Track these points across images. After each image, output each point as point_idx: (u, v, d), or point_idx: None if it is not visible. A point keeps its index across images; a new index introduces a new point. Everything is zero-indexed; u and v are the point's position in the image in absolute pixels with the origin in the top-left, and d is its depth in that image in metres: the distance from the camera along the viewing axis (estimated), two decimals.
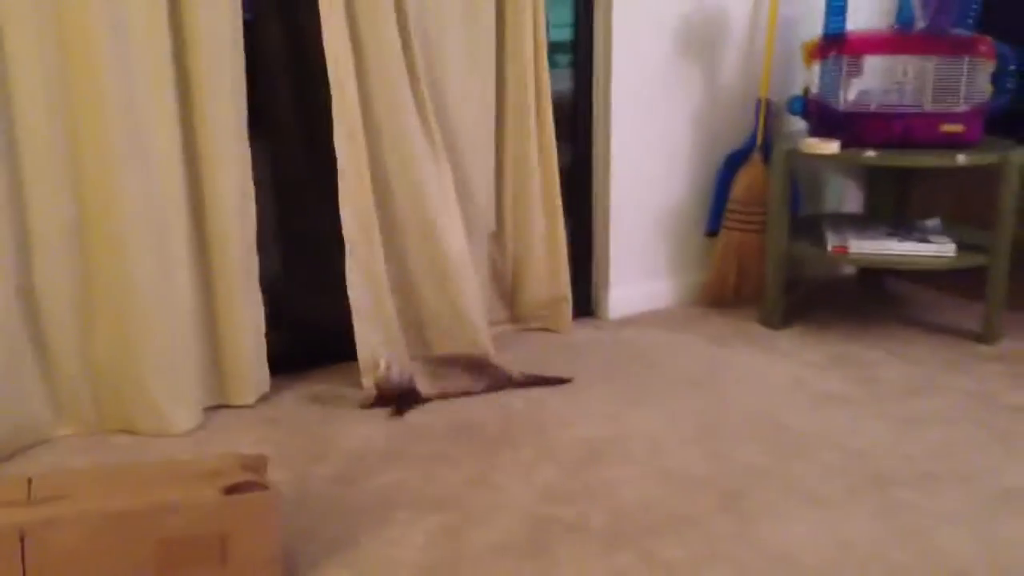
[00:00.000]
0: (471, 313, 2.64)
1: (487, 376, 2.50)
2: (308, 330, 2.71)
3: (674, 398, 2.46)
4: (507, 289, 2.92)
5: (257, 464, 1.69)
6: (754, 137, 3.07)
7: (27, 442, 2.17)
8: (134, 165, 2.12)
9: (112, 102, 2.07)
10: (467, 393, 2.46)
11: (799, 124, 3.07)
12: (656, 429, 2.28)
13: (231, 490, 1.56)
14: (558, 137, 2.79)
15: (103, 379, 2.23)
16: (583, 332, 2.95)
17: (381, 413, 2.37)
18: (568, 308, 2.94)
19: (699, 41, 3.01)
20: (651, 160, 3.04)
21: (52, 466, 2.08)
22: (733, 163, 3.10)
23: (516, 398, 2.46)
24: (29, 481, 1.56)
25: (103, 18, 2.03)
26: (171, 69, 2.14)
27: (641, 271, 3.12)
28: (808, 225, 3.06)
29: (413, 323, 2.63)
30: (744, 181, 3.03)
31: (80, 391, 2.23)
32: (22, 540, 1.44)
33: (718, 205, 3.13)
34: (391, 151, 2.46)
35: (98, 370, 2.23)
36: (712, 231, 3.16)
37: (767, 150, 3.00)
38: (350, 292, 2.45)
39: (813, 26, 2.98)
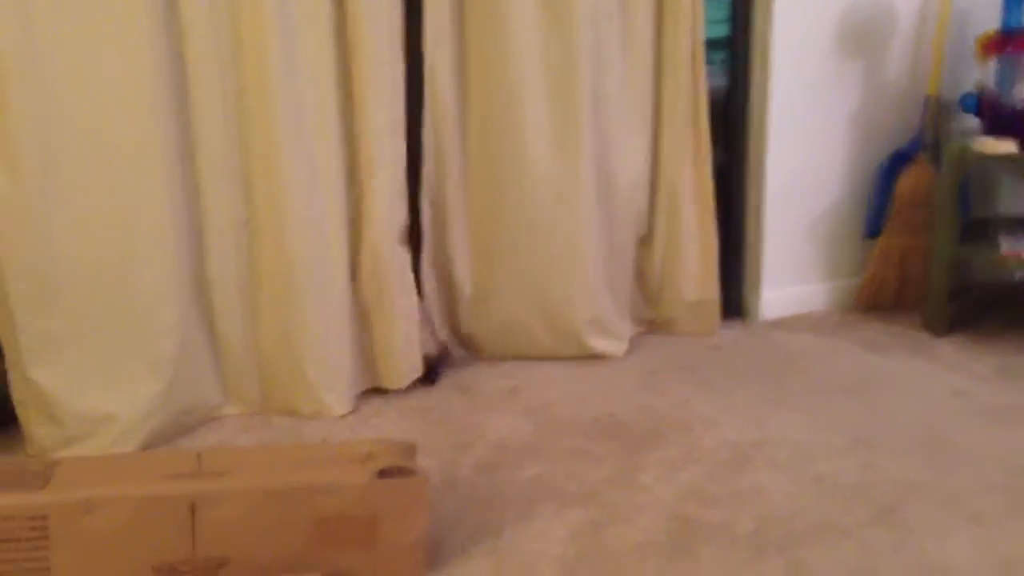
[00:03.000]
0: (571, 312, 2.64)
1: None
2: None
3: (826, 405, 2.38)
4: (653, 290, 2.90)
5: (407, 450, 1.74)
6: (920, 136, 2.94)
7: (199, 420, 2.31)
8: (299, 168, 2.23)
9: (280, 110, 2.18)
10: None
11: (969, 122, 2.92)
12: (806, 435, 2.21)
13: (382, 474, 1.61)
14: (713, 136, 2.75)
15: (266, 363, 2.35)
16: (731, 334, 2.90)
17: (524, 405, 2.39)
18: (716, 310, 2.90)
19: (863, 35, 2.90)
20: (808, 159, 2.95)
21: (220, 443, 2.20)
22: (896, 163, 2.98)
23: (660, 398, 2.44)
24: (199, 456, 1.66)
25: (274, 28, 2.13)
26: (334, 74, 2.23)
27: (794, 273, 3.04)
28: (978, 228, 2.91)
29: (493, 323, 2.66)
30: (908, 182, 2.90)
31: (246, 374, 2.35)
32: (192, 510, 1.53)
33: (879, 206, 3.01)
34: (501, 144, 2.49)
35: (262, 355, 2.35)
36: (872, 233, 3.04)
37: (935, 149, 2.87)
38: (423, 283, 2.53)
39: (988, 19, 2.83)
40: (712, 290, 2.87)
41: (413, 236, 2.49)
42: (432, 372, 2.46)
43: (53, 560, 1.49)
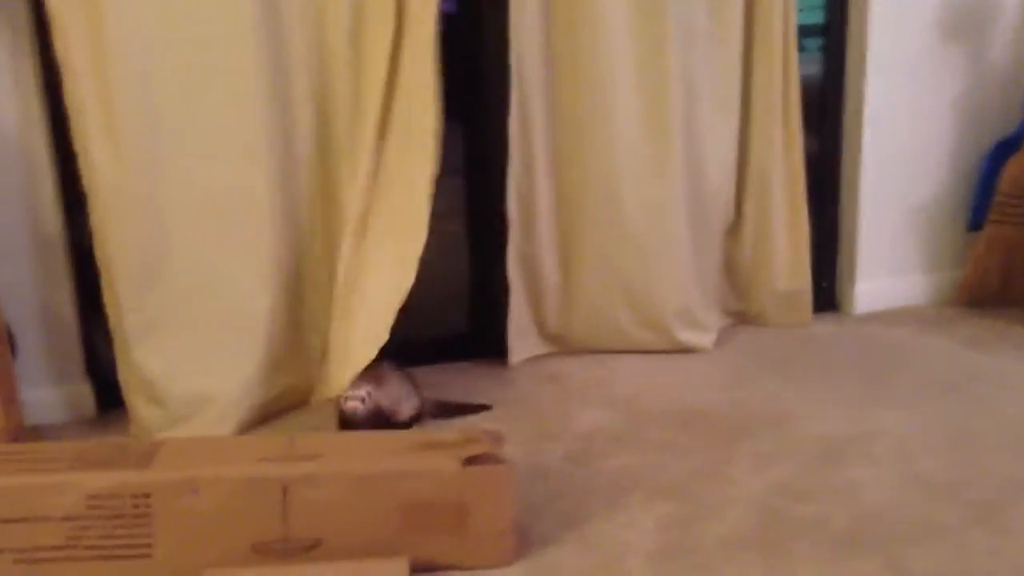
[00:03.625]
0: (660, 303, 2.61)
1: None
2: None
3: (923, 400, 2.31)
4: (742, 281, 2.84)
5: (495, 439, 1.75)
6: None
7: (291, 404, 2.35)
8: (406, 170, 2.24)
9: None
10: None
11: None
12: (903, 431, 2.15)
13: (470, 461, 1.62)
14: (805, 123, 2.69)
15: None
16: (823, 327, 2.83)
17: (612, 397, 2.38)
18: (808, 302, 2.83)
19: (966, 17, 2.80)
20: (907, 148, 2.86)
21: (312, 427, 2.25)
22: (1002, 152, 2.86)
23: (750, 391, 2.39)
24: (292, 440, 1.70)
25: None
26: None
27: (891, 265, 2.95)
28: None
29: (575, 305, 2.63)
30: (1015, 171, 2.79)
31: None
32: (284, 491, 1.56)
33: (983, 197, 2.90)
34: (589, 131, 2.47)
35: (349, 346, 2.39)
36: (975, 225, 2.93)
37: None
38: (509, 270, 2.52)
39: None
40: (804, 280, 2.81)
41: (500, 228, 2.50)
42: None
43: (155, 537, 1.54)
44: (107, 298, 2.13)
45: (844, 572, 1.62)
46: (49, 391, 2.26)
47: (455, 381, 2.49)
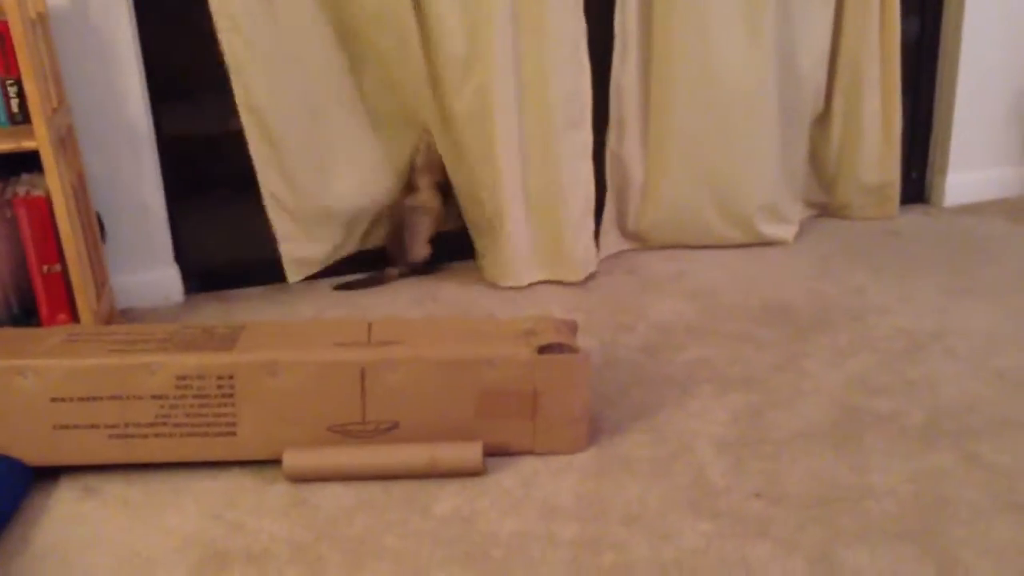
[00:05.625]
0: (746, 197, 2.56)
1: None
2: None
3: (1013, 294, 2.24)
4: (828, 173, 2.75)
5: (569, 327, 1.76)
6: None
7: None
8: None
9: None
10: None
11: None
12: (988, 326, 2.09)
13: (544, 350, 1.64)
14: (903, 4, 2.55)
15: None
16: (911, 219, 2.75)
17: (690, 289, 2.36)
18: (896, 195, 2.75)
19: None
20: (1010, 31, 2.70)
21: (390, 313, 2.30)
22: None
23: (831, 284, 2.35)
24: (370, 325, 1.74)
25: None
26: None
27: (987, 155, 2.83)
28: None
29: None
30: None
31: None
32: (362, 375, 1.61)
33: None
34: (682, 20, 2.39)
35: None
36: None
37: None
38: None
39: None
40: (893, 171, 2.71)
41: (597, 122, 2.45)
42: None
43: (239, 415, 1.61)
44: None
45: (917, 465, 1.61)
46: (139, 276, 2.34)
47: None
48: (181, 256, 2.39)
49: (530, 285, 2.43)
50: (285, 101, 2.24)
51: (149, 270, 2.35)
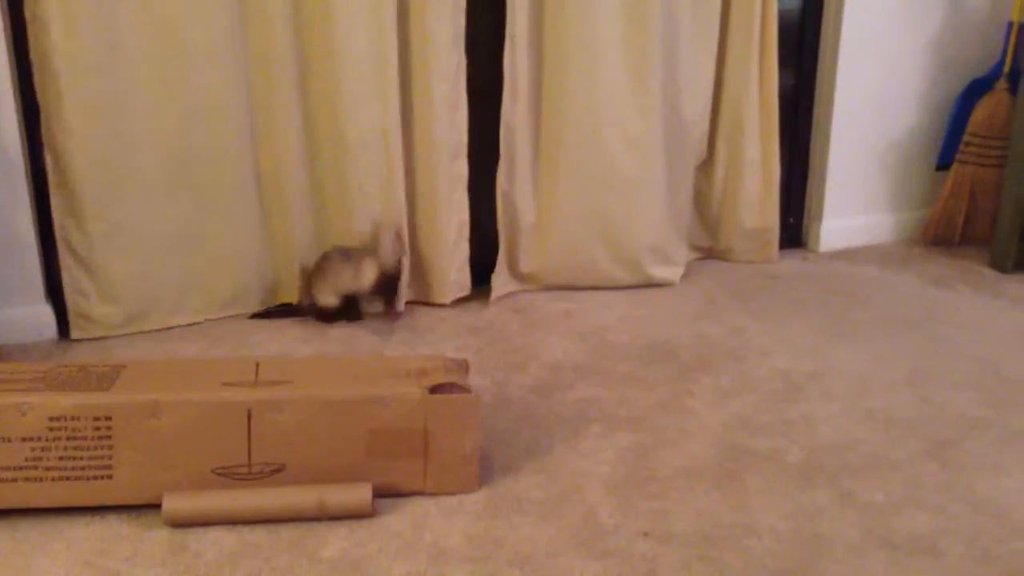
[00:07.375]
0: (633, 238, 2.62)
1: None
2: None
3: (884, 337, 2.35)
4: (712, 217, 2.85)
5: (460, 367, 1.76)
6: (1001, 63, 2.82)
7: (249, 310, 2.46)
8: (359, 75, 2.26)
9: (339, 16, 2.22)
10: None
11: None
12: (862, 368, 2.19)
13: (435, 390, 1.63)
14: (781, 58, 2.67)
15: None
16: (789, 264, 2.86)
17: (579, 329, 2.40)
18: (775, 238, 2.85)
19: None
20: (880, 86, 2.86)
21: (279, 353, 2.25)
22: (974, 92, 2.87)
23: (715, 326, 2.42)
24: (257, 364, 1.70)
25: None
26: None
27: (858, 203, 2.97)
28: None
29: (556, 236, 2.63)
30: (985, 111, 2.80)
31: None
32: (249, 415, 1.57)
33: (953, 136, 2.91)
34: (572, 64, 2.45)
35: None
36: (944, 164, 2.95)
37: (1014, 78, 2.75)
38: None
39: None
40: (772, 217, 2.82)
41: (490, 159, 2.48)
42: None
43: (116, 458, 1.54)
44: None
45: (796, 503, 1.66)
46: (11, 311, 2.23)
47: (430, 314, 2.50)
48: (55, 292, 2.29)
49: (417, 321, 2.43)
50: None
51: (21, 305, 2.25)
